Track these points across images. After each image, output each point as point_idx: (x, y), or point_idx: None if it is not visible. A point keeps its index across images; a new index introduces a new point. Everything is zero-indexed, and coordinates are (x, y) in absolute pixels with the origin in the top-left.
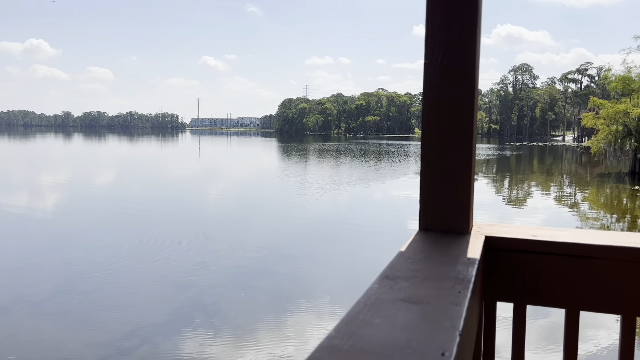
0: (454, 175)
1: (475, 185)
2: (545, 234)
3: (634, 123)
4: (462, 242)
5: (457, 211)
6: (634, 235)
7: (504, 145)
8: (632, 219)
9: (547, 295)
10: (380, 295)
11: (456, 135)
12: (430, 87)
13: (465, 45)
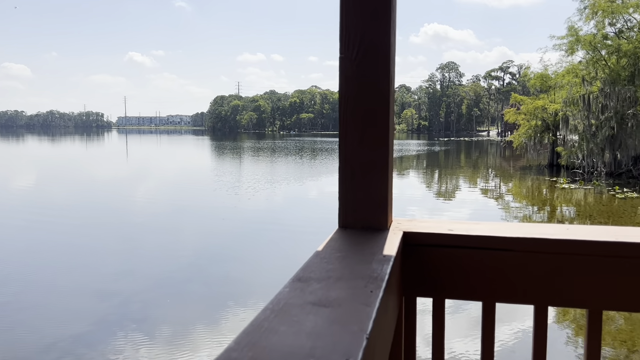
0: (371, 171)
1: (406, 181)
2: (461, 228)
3: (551, 118)
4: (379, 239)
5: (375, 207)
6: (547, 227)
7: (433, 141)
8: (551, 208)
9: (465, 288)
10: (289, 299)
11: (373, 130)
12: (346, 81)
13: (380, 39)
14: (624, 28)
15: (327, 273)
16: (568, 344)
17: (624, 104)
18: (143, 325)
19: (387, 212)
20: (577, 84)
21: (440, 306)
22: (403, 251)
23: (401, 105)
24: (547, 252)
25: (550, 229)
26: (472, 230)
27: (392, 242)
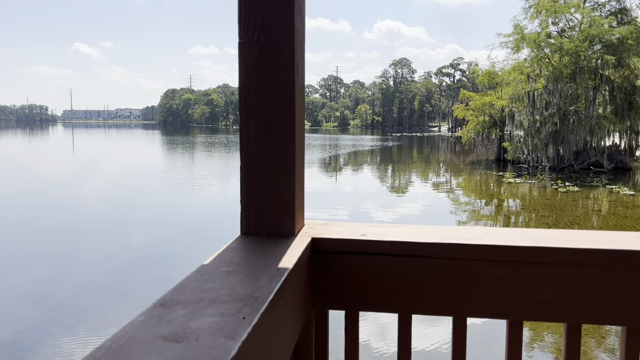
0: (278, 170)
1: (360, 176)
2: (375, 233)
3: (498, 114)
4: (282, 248)
5: (282, 211)
6: (465, 230)
7: (386, 136)
8: (498, 202)
9: (379, 299)
10: (137, 332)
11: (278, 124)
12: (246, 69)
13: (284, 22)
14: (566, 27)
15: (200, 294)
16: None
17: (566, 100)
18: (75, 331)
19: (295, 216)
20: (522, 81)
21: (353, 319)
22: (312, 259)
23: (355, 100)
24: (464, 259)
25: (469, 233)
26: (386, 235)
27: (294, 251)
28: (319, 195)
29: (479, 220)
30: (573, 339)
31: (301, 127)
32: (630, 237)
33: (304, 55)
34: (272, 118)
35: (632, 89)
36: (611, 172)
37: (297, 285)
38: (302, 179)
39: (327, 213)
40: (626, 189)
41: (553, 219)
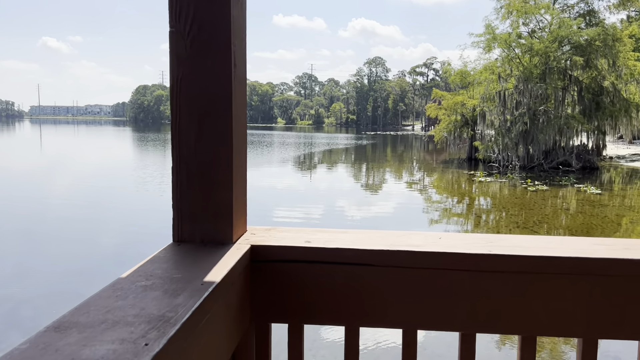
0: (214, 173)
1: (335, 174)
2: (321, 239)
3: (469, 113)
4: (215, 257)
5: (218, 217)
6: (417, 236)
7: (360, 135)
8: (469, 201)
9: (324, 311)
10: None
11: (214, 123)
12: (178, 61)
13: (220, 10)
14: (536, 28)
15: (104, 315)
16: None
17: (536, 100)
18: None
19: (233, 222)
20: (493, 81)
21: (297, 333)
22: (251, 269)
23: (330, 98)
24: (414, 267)
25: (420, 239)
26: (332, 242)
27: (228, 261)
28: (293, 193)
29: (450, 219)
30: (527, 352)
31: (240, 127)
32: (587, 243)
33: (244, 47)
34: (207, 116)
35: (599, 89)
36: (579, 171)
37: (228, 299)
38: (242, 183)
39: (301, 211)
40: (593, 188)
41: (522, 218)
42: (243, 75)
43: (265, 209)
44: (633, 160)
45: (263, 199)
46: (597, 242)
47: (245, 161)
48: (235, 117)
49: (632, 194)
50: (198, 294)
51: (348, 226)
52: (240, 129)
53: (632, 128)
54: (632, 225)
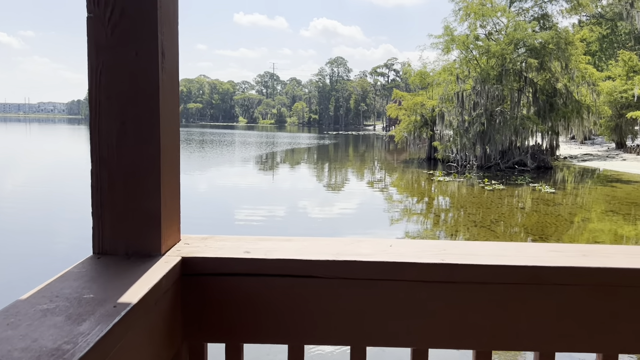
0: (139, 177)
1: (297, 173)
2: (261, 249)
3: (429, 114)
4: (137, 273)
5: (145, 226)
6: (365, 244)
7: (323, 135)
8: (429, 200)
9: (266, 328)
10: None
11: (139, 122)
12: (97, 51)
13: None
14: (492, 30)
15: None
16: None
17: (493, 101)
18: None
19: (163, 231)
20: (452, 82)
21: (236, 353)
22: (182, 284)
23: (292, 98)
24: (362, 278)
25: (369, 247)
26: (274, 252)
27: (152, 277)
28: (255, 193)
29: (411, 218)
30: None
31: (170, 125)
32: (543, 250)
33: (175, 37)
34: (131, 114)
35: (553, 91)
36: (534, 170)
37: (149, 321)
38: (174, 187)
39: (264, 210)
40: (548, 187)
41: (480, 217)
42: (173, 67)
43: (226, 209)
44: (584, 160)
45: (224, 198)
46: (553, 248)
47: (177, 163)
48: (164, 114)
49: (584, 193)
50: (107, 319)
51: (311, 226)
52: (169, 127)
53: (584, 129)
54: (584, 223)
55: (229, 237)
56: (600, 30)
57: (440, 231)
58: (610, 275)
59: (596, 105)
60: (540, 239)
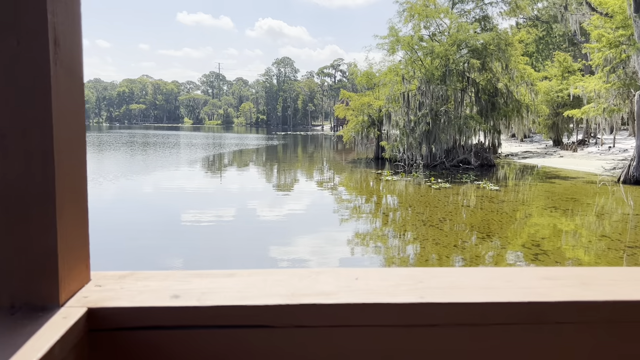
0: (26, 204)
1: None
2: (195, 290)
3: (376, 114)
4: (22, 336)
5: (36, 269)
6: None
7: (271, 135)
8: (377, 199)
9: None
10: None
11: (23, 132)
12: None
13: None
14: (436, 32)
15: None
16: None
17: (438, 101)
18: None
19: (59, 274)
20: (398, 82)
21: None
22: (90, 344)
23: (239, 98)
24: (323, 326)
25: (331, 282)
26: (211, 294)
27: (42, 341)
28: (202, 196)
29: (360, 217)
30: None
31: (71, 135)
32: (535, 277)
33: (76, 20)
34: (11, 123)
35: (494, 91)
36: (478, 168)
37: None
38: (78, 215)
39: (212, 214)
40: (491, 185)
41: (427, 215)
42: (74, 61)
43: (172, 213)
44: (525, 157)
45: (170, 202)
46: (547, 275)
47: (82, 182)
48: (60, 120)
49: (525, 190)
50: None
51: (260, 228)
52: (69, 137)
53: (523, 127)
54: (527, 219)
55: (153, 273)
56: (536, 32)
57: (389, 230)
58: (620, 311)
59: (534, 105)
60: (486, 236)
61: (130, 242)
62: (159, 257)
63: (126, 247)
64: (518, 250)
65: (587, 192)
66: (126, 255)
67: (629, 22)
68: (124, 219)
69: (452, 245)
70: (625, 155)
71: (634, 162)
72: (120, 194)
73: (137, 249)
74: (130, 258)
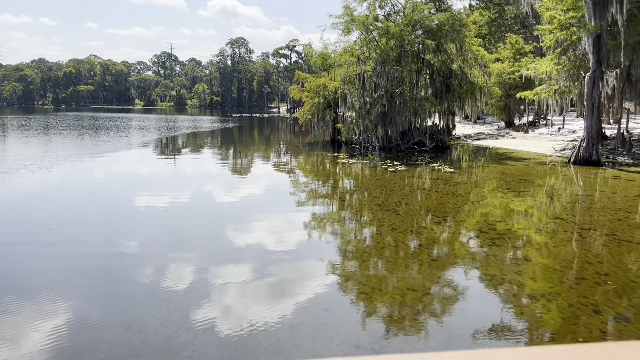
0: None
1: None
2: None
3: (331, 96)
4: None
5: None
6: None
7: (226, 117)
8: (334, 183)
9: None
10: None
11: None
12: None
13: None
14: (391, 12)
15: None
16: None
17: (393, 83)
18: None
19: None
20: (353, 63)
21: None
22: None
23: (192, 79)
24: None
25: None
26: None
27: None
28: (157, 179)
29: (317, 200)
30: None
31: None
32: None
33: None
34: None
35: (448, 72)
36: (433, 150)
37: None
38: None
39: (167, 197)
40: (446, 167)
41: (384, 199)
42: None
43: (126, 197)
44: (478, 139)
45: (123, 186)
46: None
47: None
48: None
49: (479, 171)
50: None
51: (217, 211)
52: None
53: (476, 109)
54: (482, 201)
55: None
56: (489, 14)
57: (346, 214)
58: None
59: (487, 86)
60: (443, 220)
61: (77, 227)
62: (113, 243)
63: (73, 234)
64: (475, 234)
65: (540, 174)
66: (72, 246)
67: (579, 4)
68: (69, 207)
69: (409, 230)
70: (575, 136)
71: (584, 143)
72: (67, 179)
73: (86, 235)
74: (78, 248)
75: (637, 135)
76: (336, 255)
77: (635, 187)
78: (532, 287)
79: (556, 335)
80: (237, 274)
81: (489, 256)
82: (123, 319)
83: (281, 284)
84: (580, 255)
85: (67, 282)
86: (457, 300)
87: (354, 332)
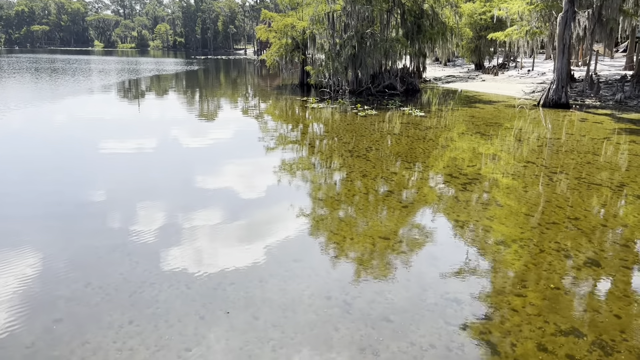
0: None
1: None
2: None
3: (300, 36)
4: None
5: None
6: None
7: (190, 59)
8: (303, 128)
9: None
10: None
11: None
12: None
13: None
14: None
15: None
16: None
17: (364, 23)
18: None
19: None
20: (322, 2)
21: None
22: None
23: (154, 19)
24: None
25: None
26: None
27: None
28: (120, 124)
29: (286, 146)
30: None
31: None
32: None
33: None
34: None
35: (420, 12)
36: (403, 94)
37: None
38: None
39: (132, 143)
40: (417, 111)
41: (354, 144)
42: None
43: (88, 143)
44: (448, 82)
45: (84, 132)
46: None
47: None
48: None
49: (449, 115)
50: None
51: (184, 156)
52: None
53: (447, 51)
54: (452, 145)
55: None
56: None
57: (316, 160)
58: None
59: (458, 27)
60: (413, 165)
61: (36, 175)
62: (75, 192)
63: (31, 183)
64: (446, 179)
65: (509, 117)
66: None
67: None
68: (26, 155)
69: (380, 176)
70: (544, 79)
71: (553, 86)
72: (24, 126)
73: (45, 184)
74: (37, 197)
75: (604, 78)
76: (306, 203)
77: (602, 129)
78: (504, 232)
79: (529, 283)
80: (206, 222)
81: (460, 202)
82: (82, 275)
83: (250, 234)
84: (550, 199)
85: (22, 234)
86: (429, 247)
87: (325, 284)
